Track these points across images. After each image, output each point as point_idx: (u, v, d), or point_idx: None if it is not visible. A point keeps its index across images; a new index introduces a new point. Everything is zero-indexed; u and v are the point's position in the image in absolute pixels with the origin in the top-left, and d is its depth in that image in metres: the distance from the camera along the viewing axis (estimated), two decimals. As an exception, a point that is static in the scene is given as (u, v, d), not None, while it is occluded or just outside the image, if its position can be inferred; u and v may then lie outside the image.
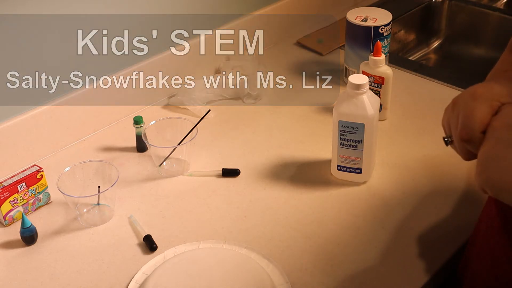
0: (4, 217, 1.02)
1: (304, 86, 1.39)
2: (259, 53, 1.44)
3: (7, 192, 1.01)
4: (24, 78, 1.11)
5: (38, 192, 1.05)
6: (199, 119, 1.15)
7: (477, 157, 0.67)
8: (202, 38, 1.38)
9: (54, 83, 1.16)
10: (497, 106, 0.68)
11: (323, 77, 1.42)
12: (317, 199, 1.07)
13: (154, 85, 1.32)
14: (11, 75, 1.09)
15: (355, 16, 1.33)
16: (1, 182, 1.02)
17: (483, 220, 0.87)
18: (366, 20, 1.31)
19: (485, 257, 0.85)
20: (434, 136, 1.19)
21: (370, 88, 1.07)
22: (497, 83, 0.71)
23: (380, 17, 1.32)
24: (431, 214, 1.02)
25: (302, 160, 1.16)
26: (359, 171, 1.08)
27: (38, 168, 1.05)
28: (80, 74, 1.19)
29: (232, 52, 1.44)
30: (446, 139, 0.75)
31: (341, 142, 1.06)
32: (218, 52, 1.42)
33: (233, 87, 1.35)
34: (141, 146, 1.19)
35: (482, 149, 0.66)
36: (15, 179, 1.03)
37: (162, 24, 1.30)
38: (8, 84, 1.09)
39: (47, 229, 1.03)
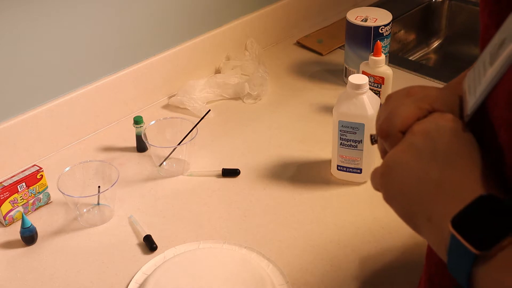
0: (4, 217, 1.02)
1: (304, 86, 1.39)
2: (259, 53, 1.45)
3: (7, 192, 1.01)
4: (24, 78, 1.11)
5: (38, 192, 1.05)
6: (199, 119, 1.15)
7: (385, 156, 0.62)
8: (203, 37, 1.38)
9: (54, 83, 1.16)
10: (426, 110, 0.62)
11: (323, 77, 1.43)
12: (317, 199, 1.07)
13: (154, 85, 1.32)
14: (11, 75, 1.09)
15: (355, 16, 1.33)
16: (1, 182, 1.02)
17: None
18: (366, 20, 1.31)
19: None
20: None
21: (370, 88, 1.07)
22: (436, 89, 0.65)
23: (380, 17, 1.32)
24: (431, 214, 1.02)
25: (302, 160, 1.16)
26: (359, 171, 1.08)
27: (38, 168, 1.05)
28: (80, 74, 1.19)
29: (232, 52, 1.44)
30: (372, 137, 0.70)
31: (341, 142, 1.06)
32: (218, 51, 1.43)
33: (233, 87, 1.35)
34: (141, 146, 1.19)
35: (393, 149, 0.61)
36: (15, 179, 1.03)
37: (162, 24, 1.30)
38: (8, 84, 1.10)
39: (47, 229, 1.03)
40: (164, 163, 1.14)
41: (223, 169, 1.13)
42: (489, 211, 0.50)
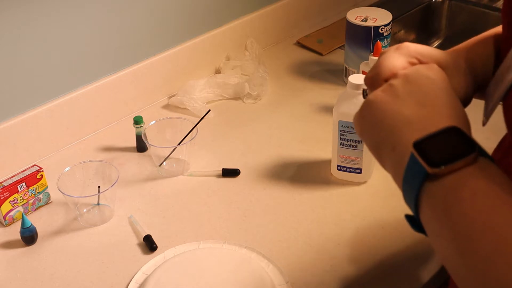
0: (4, 217, 1.02)
1: (304, 86, 1.39)
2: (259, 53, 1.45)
3: (7, 192, 1.01)
4: (24, 78, 1.11)
5: (38, 192, 1.05)
6: (199, 119, 1.15)
7: (367, 83, 0.65)
8: (202, 37, 1.38)
9: (54, 83, 1.16)
10: (413, 63, 0.64)
11: (323, 77, 1.42)
12: (317, 199, 1.07)
13: (154, 85, 1.32)
14: (11, 75, 1.09)
15: (355, 16, 1.33)
16: (1, 182, 1.02)
17: None
18: (366, 20, 1.31)
19: None
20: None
21: (370, 88, 1.07)
22: (430, 48, 0.67)
23: (380, 17, 1.32)
24: (431, 214, 1.02)
25: (302, 160, 1.16)
26: (359, 171, 1.08)
27: (38, 168, 1.05)
28: (80, 74, 1.19)
29: (232, 52, 1.44)
30: (364, 91, 0.71)
31: (341, 142, 1.06)
32: (218, 51, 1.43)
33: (233, 87, 1.35)
34: (141, 146, 1.19)
35: (375, 90, 0.63)
36: (15, 179, 1.03)
37: (162, 24, 1.30)
38: (8, 84, 1.09)
39: (47, 229, 1.03)
40: (164, 163, 1.14)
41: (223, 169, 1.13)
42: (451, 139, 0.52)
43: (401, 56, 0.64)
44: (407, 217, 0.57)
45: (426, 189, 0.52)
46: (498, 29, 0.71)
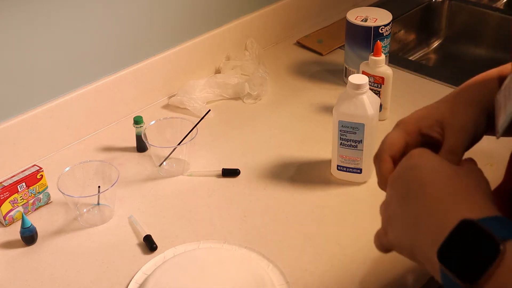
0: (4, 217, 1.02)
1: (304, 86, 1.39)
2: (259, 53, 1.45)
3: (7, 192, 1.01)
4: (24, 78, 1.11)
5: (38, 192, 1.05)
6: (199, 119, 1.15)
7: (380, 213, 0.68)
8: (202, 37, 1.38)
9: (54, 83, 1.16)
10: (413, 132, 0.70)
11: (323, 77, 1.42)
12: (317, 199, 1.07)
13: (154, 85, 1.32)
14: (11, 75, 1.09)
15: (355, 16, 1.33)
16: (1, 182, 1.02)
17: None
18: (366, 20, 1.31)
19: None
20: (434, 136, 1.19)
21: (370, 88, 1.07)
22: (425, 107, 0.72)
23: (380, 17, 1.32)
24: (431, 214, 1.02)
25: (302, 160, 1.16)
26: (359, 171, 1.08)
27: (38, 168, 1.05)
28: (80, 74, 1.19)
29: (232, 52, 1.44)
30: None
31: (341, 142, 1.06)
32: (218, 51, 1.43)
33: (233, 87, 1.35)
34: (141, 146, 1.19)
35: (382, 203, 0.66)
36: (15, 179, 1.03)
37: (162, 24, 1.30)
38: (8, 84, 1.09)
39: (47, 229, 1.03)
40: (164, 163, 1.14)
41: (223, 169, 1.13)
42: (469, 239, 0.51)
43: (400, 129, 0.70)
44: None
45: None
46: (500, 69, 0.73)
